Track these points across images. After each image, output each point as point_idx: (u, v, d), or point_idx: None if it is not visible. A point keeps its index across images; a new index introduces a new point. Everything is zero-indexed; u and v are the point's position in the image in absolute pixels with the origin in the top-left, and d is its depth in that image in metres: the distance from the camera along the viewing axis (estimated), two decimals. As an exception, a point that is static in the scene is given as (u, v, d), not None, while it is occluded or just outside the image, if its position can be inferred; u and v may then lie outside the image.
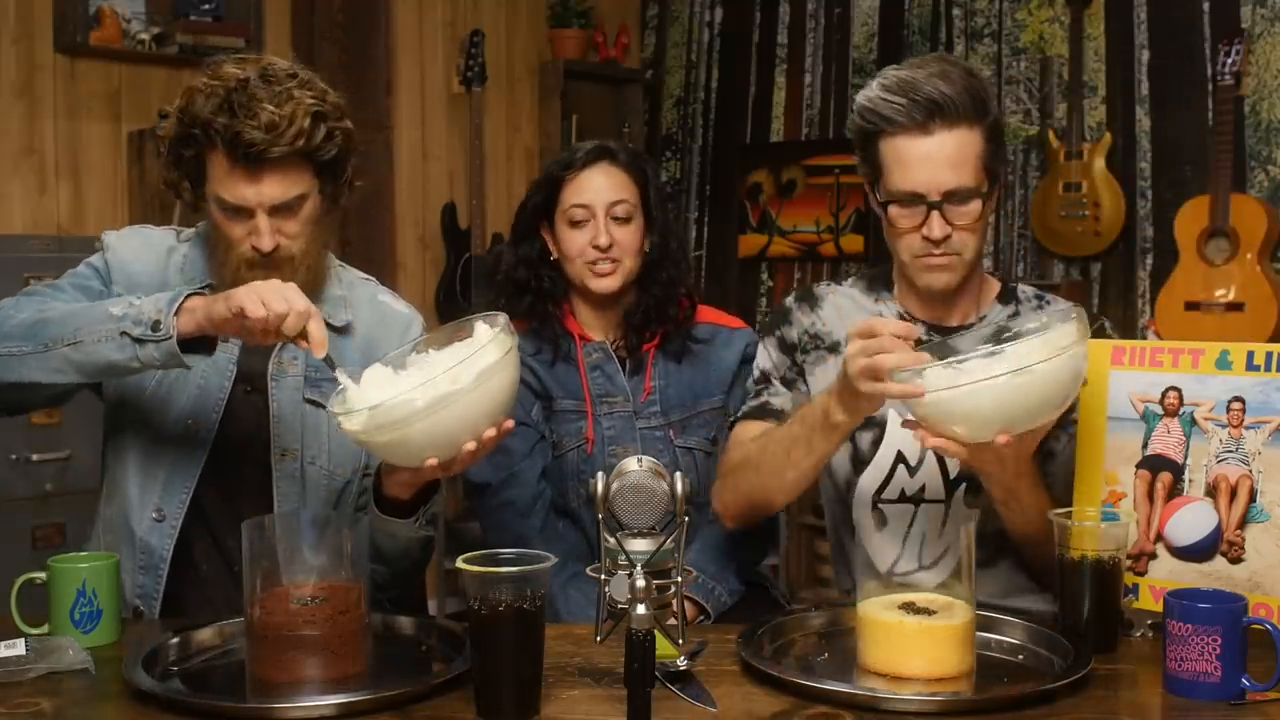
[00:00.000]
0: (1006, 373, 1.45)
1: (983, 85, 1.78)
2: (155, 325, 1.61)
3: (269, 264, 1.78)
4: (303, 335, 1.60)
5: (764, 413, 1.92)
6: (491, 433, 1.54)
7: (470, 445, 1.52)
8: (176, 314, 1.61)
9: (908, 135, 1.75)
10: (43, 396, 1.77)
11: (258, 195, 1.74)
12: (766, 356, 1.97)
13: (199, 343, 1.65)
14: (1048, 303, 1.90)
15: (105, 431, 1.93)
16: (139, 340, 1.62)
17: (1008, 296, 1.91)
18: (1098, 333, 1.84)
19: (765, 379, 1.96)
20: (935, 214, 1.75)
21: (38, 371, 1.68)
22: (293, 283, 1.63)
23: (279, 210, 1.76)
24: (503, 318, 1.54)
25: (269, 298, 1.57)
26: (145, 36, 3.79)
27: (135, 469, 1.86)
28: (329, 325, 1.89)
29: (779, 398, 1.93)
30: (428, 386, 1.46)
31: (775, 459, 1.79)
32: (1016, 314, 1.87)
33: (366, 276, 2.05)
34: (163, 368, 1.70)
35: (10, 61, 3.61)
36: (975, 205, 1.75)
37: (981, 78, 1.80)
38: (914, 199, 1.76)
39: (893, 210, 1.78)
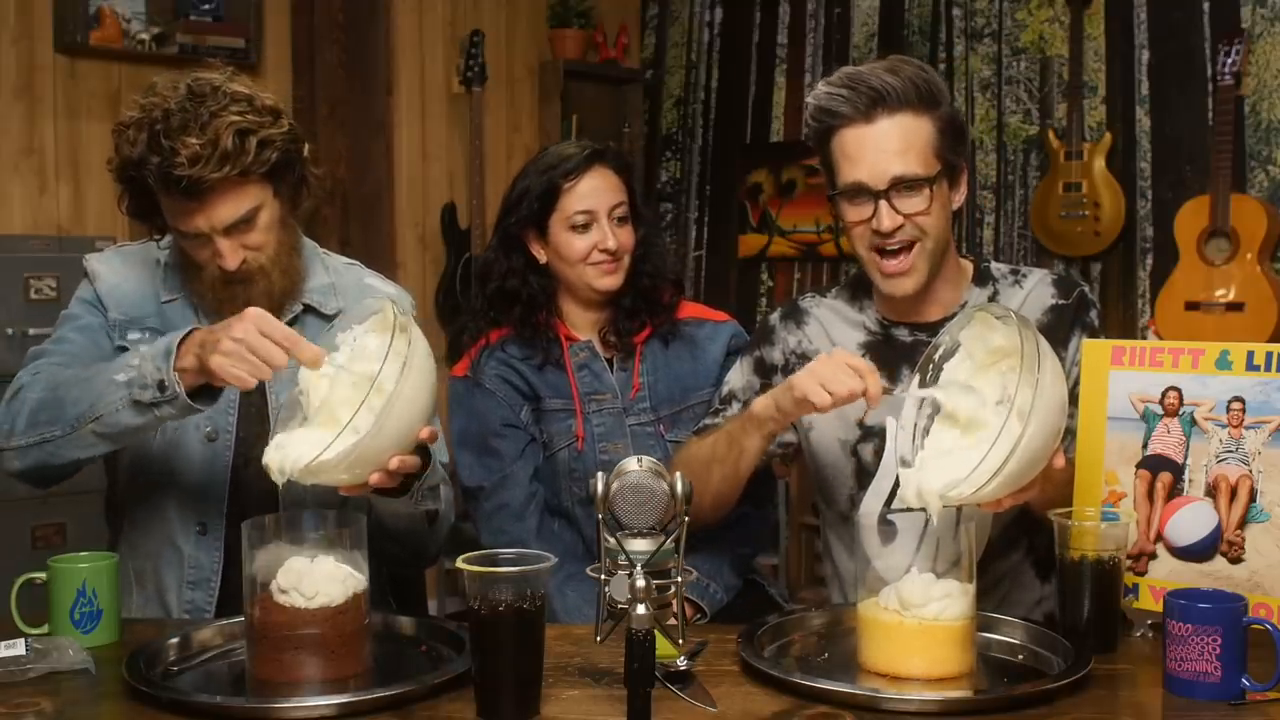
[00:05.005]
0: (1010, 456, 1.41)
1: (935, 81, 1.77)
2: (161, 386, 1.61)
3: (239, 279, 1.79)
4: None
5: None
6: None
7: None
8: (177, 367, 1.60)
9: (853, 126, 1.75)
10: (90, 461, 1.78)
11: (208, 221, 1.74)
12: (739, 375, 1.98)
13: (208, 386, 1.64)
14: (1024, 276, 1.90)
15: (118, 453, 1.90)
16: (152, 404, 1.63)
17: (983, 278, 1.90)
18: (1078, 299, 1.85)
19: (730, 399, 1.97)
20: (883, 204, 1.73)
21: (76, 450, 1.71)
22: (259, 316, 1.57)
23: (235, 228, 1.76)
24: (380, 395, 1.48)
25: (247, 364, 1.54)
26: (145, 36, 3.78)
27: (166, 487, 1.86)
28: (319, 314, 1.91)
29: None
30: (343, 446, 1.46)
31: (703, 455, 1.82)
32: (995, 294, 1.87)
33: (351, 261, 2.05)
34: (182, 417, 1.70)
35: (10, 61, 3.61)
36: (924, 193, 1.73)
37: (935, 76, 1.79)
38: (860, 190, 1.75)
39: (842, 204, 1.78)
